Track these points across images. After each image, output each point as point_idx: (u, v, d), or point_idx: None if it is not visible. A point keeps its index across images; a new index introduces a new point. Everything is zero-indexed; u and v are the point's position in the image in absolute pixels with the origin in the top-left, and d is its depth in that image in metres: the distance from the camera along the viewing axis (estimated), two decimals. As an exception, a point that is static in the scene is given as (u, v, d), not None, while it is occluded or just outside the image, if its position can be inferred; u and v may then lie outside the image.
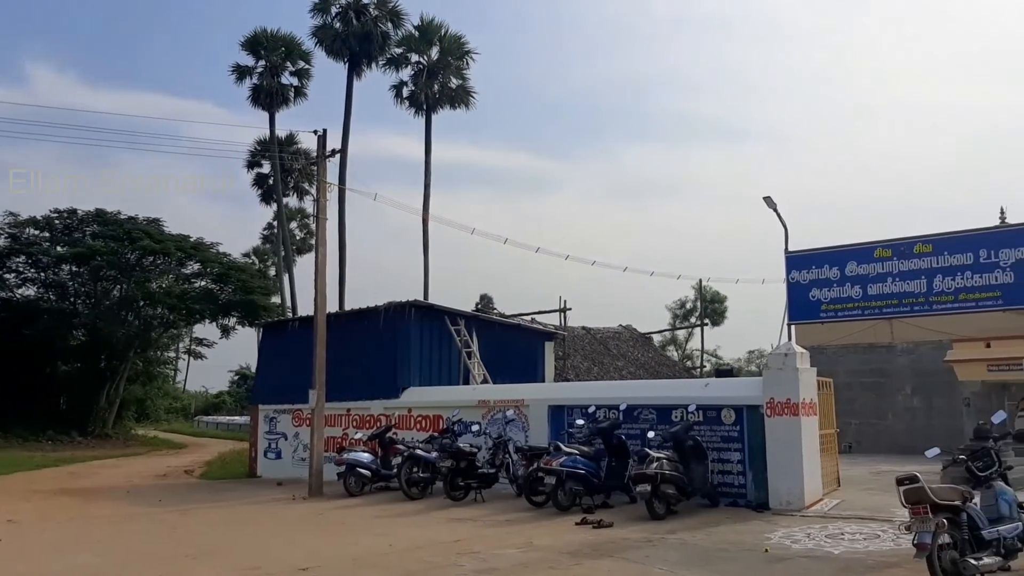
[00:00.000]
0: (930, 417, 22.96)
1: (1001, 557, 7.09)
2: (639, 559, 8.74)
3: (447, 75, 37.86)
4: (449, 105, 38.05)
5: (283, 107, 40.03)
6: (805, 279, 12.96)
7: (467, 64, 38.62)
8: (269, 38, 39.34)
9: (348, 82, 37.54)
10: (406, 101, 38.02)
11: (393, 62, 38.03)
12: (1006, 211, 20.25)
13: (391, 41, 37.87)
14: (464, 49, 38.31)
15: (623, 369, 25.40)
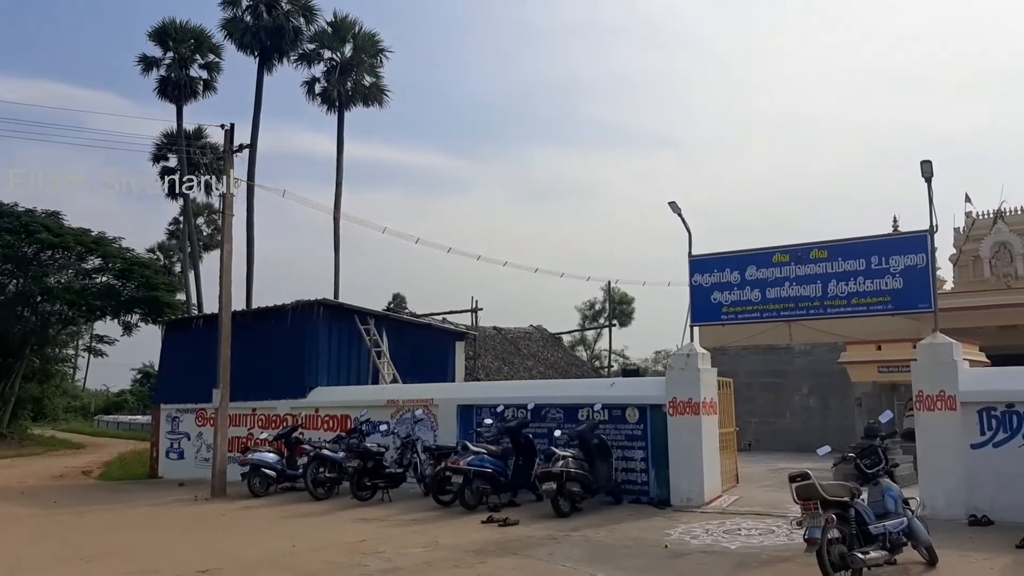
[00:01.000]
0: (825, 416, 24.07)
1: (887, 551, 7.42)
2: (543, 556, 8.86)
3: (360, 73, 37.45)
4: (362, 103, 37.68)
5: (191, 100, 39.07)
6: (707, 282, 13.31)
7: (381, 62, 38.33)
8: (178, 29, 38.24)
9: (258, 77, 36.73)
10: (318, 98, 37.48)
11: (305, 58, 37.44)
12: (899, 219, 21.63)
13: (303, 37, 37.26)
14: (378, 47, 37.99)
15: (533, 369, 25.62)
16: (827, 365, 21.81)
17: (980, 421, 10.64)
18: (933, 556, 7.89)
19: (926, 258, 11.78)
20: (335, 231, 35.10)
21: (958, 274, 22.87)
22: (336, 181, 36.12)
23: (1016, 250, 21.28)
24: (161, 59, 38.48)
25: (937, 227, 11.84)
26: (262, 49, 36.17)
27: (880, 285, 12.04)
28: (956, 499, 10.54)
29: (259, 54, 36.42)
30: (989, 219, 22.05)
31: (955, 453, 10.66)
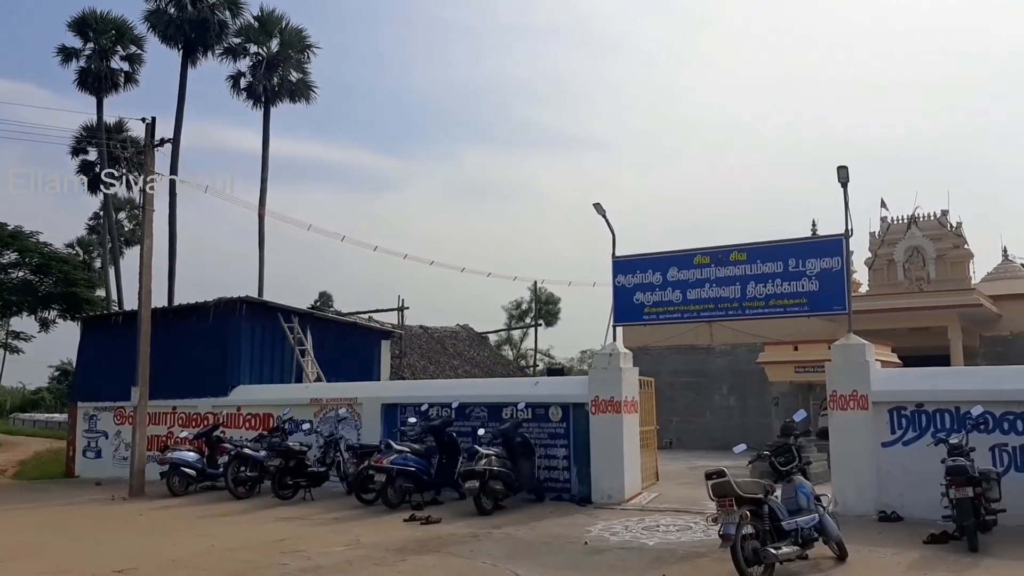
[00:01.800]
0: (744, 415, 24.73)
1: (799, 546, 7.60)
2: (464, 554, 8.84)
3: (287, 68, 36.85)
4: (289, 98, 37.07)
5: (112, 92, 37.77)
6: (630, 283, 13.48)
7: (308, 58, 37.78)
8: (99, 20, 36.93)
9: (182, 70, 35.75)
10: (244, 92, 36.72)
11: (231, 52, 36.64)
12: (817, 224, 22.32)
13: (229, 30, 36.44)
14: (305, 43, 37.43)
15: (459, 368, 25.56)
16: (746, 365, 22.38)
17: (891, 420, 10.97)
18: (843, 551, 8.11)
19: (841, 261, 12.14)
20: (260, 228, 34.40)
21: (873, 277, 23.68)
22: (261, 177, 35.39)
23: (928, 254, 22.17)
24: (81, 50, 37.11)
25: (852, 231, 12.23)
26: (186, 42, 35.24)
27: (797, 287, 12.36)
28: (867, 496, 10.86)
29: (183, 47, 35.47)
30: (903, 224, 22.91)
31: (866, 451, 10.99)
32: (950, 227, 22.40)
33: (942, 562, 8.08)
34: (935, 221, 22.58)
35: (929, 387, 11.04)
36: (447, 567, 8.26)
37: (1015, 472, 9.95)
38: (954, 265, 22.07)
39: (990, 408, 10.16)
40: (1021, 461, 10.04)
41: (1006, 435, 10.15)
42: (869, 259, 23.68)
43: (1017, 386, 10.44)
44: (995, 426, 10.19)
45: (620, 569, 8.10)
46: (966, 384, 11.10)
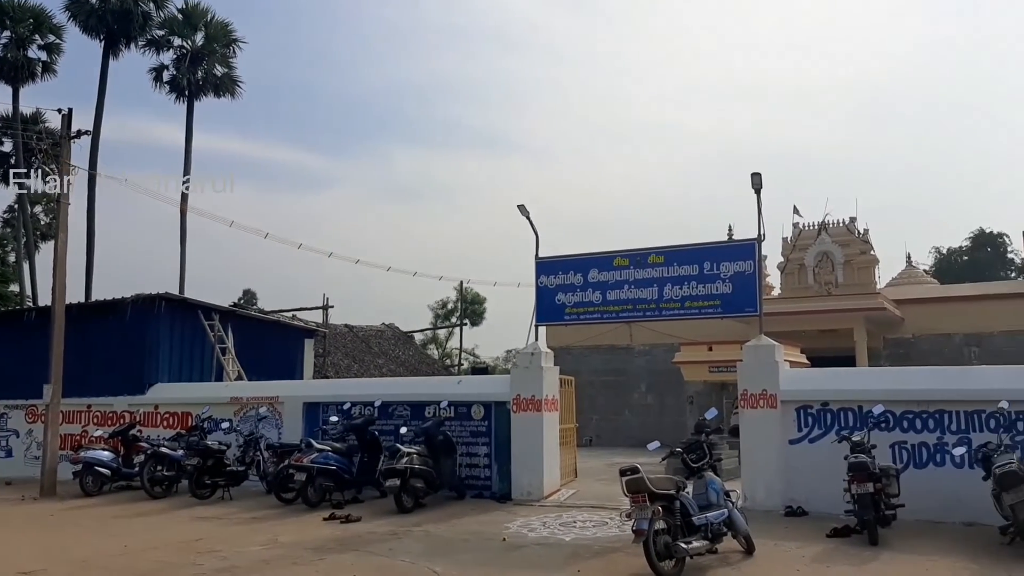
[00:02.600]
0: (662, 413, 25.30)
1: (708, 541, 7.85)
2: (383, 552, 8.86)
3: (212, 62, 36.01)
4: (213, 93, 36.24)
5: (29, 82, 36.19)
6: (552, 284, 13.69)
7: (234, 53, 36.99)
8: (15, 8, 35.34)
9: (103, 62, 34.57)
10: (167, 86, 35.74)
11: (154, 44, 35.64)
12: (734, 228, 23.02)
13: (153, 22, 35.41)
14: (231, 37, 36.66)
15: (384, 367, 25.41)
16: (664, 364, 22.89)
17: (798, 418, 11.37)
18: (751, 545, 8.41)
19: (754, 265, 12.55)
20: (182, 224, 33.50)
21: (785, 281, 24.52)
22: (184, 171, 34.49)
23: (837, 260, 23.08)
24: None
25: (765, 236, 12.61)
26: (108, 33, 34.10)
27: (711, 289, 12.73)
28: (775, 491, 11.23)
29: (105, 38, 34.31)
30: (814, 230, 23.79)
31: (775, 448, 11.37)
32: (858, 234, 23.37)
33: (843, 555, 8.43)
34: (844, 228, 23.53)
35: (834, 387, 11.51)
36: (365, 565, 8.26)
37: (914, 469, 10.43)
38: (861, 270, 23.02)
39: (891, 407, 10.63)
40: (919, 458, 10.54)
41: (905, 433, 10.64)
42: (782, 263, 24.53)
43: (917, 386, 10.98)
44: (895, 424, 10.68)
45: (536, 565, 8.23)
46: (869, 384, 11.65)
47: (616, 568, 7.95)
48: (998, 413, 9.87)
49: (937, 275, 36.48)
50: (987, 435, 9.89)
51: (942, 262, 44.28)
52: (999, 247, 44.14)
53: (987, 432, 10.02)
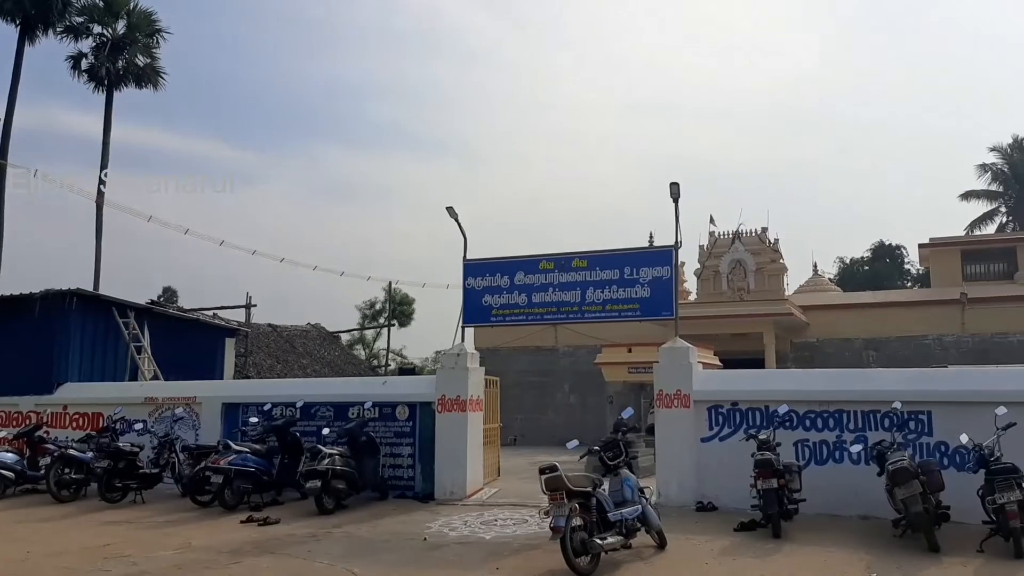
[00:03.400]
0: (584, 412, 25.82)
1: (623, 536, 8.11)
2: (302, 554, 8.83)
3: (134, 52, 34.79)
4: (135, 83, 34.98)
5: (-61, 68, 34.19)
6: (479, 285, 13.88)
7: (157, 43, 35.76)
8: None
9: (18, 47, 32.95)
10: (85, 74, 34.32)
11: (73, 31, 34.15)
12: (654, 235, 23.67)
13: (72, 8, 33.98)
14: (155, 27, 35.45)
15: (308, 367, 25.11)
16: (587, 365, 23.37)
17: (710, 417, 11.82)
18: (663, 540, 8.74)
19: (671, 270, 13.01)
20: (98, 218, 32.29)
21: (701, 287, 25.38)
22: (101, 164, 33.26)
23: (749, 267, 24.00)
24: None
25: (682, 243, 13.12)
26: (25, 17, 32.53)
27: (631, 293, 13.14)
28: (687, 487, 11.65)
29: (21, 23, 32.75)
30: (729, 239, 24.69)
31: (687, 446, 11.79)
32: (768, 243, 24.36)
33: (749, 548, 8.84)
34: (756, 237, 24.50)
35: (743, 387, 12.04)
36: (282, 568, 8.22)
37: (815, 465, 10.99)
38: (771, 278, 24.01)
39: (795, 407, 11.21)
40: (820, 455, 11.11)
41: (808, 431, 11.21)
42: (698, 270, 25.39)
43: (818, 387, 11.57)
44: (798, 423, 11.24)
45: (456, 564, 8.35)
46: (775, 385, 12.21)
47: (534, 565, 8.12)
48: (892, 413, 10.51)
49: (840, 283, 38.18)
50: (882, 433, 10.50)
51: (845, 271, 46.30)
52: (897, 258, 46.47)
53: (882, 431, 10.63)
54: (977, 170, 43.68)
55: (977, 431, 9.11)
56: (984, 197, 43.43)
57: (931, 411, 10.64)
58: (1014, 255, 26.73)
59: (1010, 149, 43.06)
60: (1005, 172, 42.76)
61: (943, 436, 10.45)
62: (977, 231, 41.68)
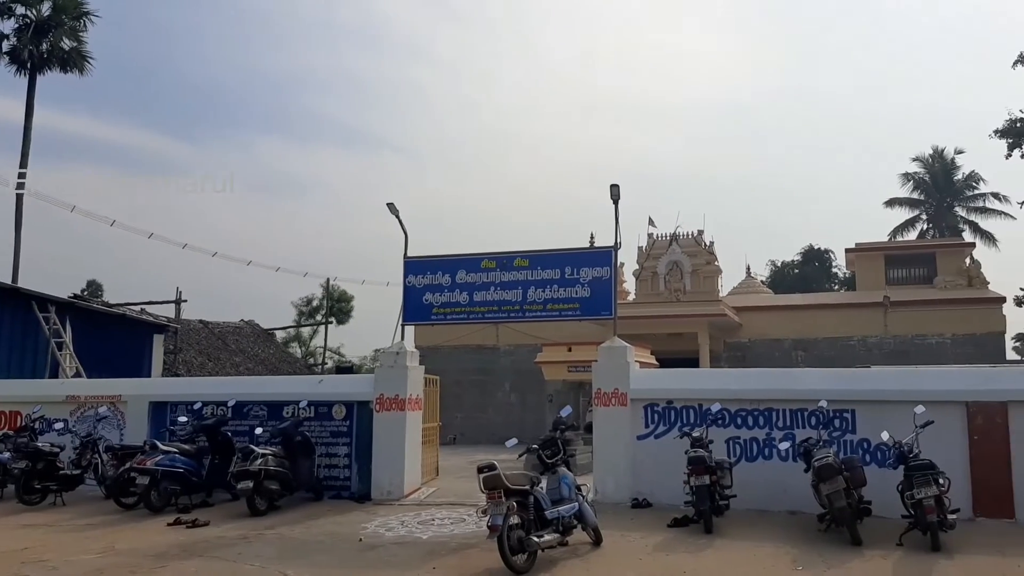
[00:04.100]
0: (524, 411, 25.93)
1: (560, 534, 8.17)
2: (231, 557, 8.62)
3: (59, 35, 33.50)
4: (60, 67, 33.73)
5: None
6: (420, 283, 13.78)
7: (85, 26, 34.52)
8: None
9: (-67, 26, 31.49)
10: (6, 56, 32.93)
11: (-7, 11, 32.75)
12: (595, 236, 23.87)
13: (-6, -13, 32.58)
14: (82, 9, 34.21)
15: (241, 365, 24.55)
16: (527, 364, 23.48)
17: (646, 415, 11.98)
18: (599, 536, 8.83)
19: (610, 271, 13.13)
20: (17, 208, 31.02)
21: (639, 287, 25.76)
22: (22, 152, 31.95)
23: (685, 269, 24.46)
24: None
25: (621, 244, 13.23)
26: (-61, -5, 31.13)
27: (571, 293, 13.23)
28: (623, 484, 11.78)
29: (-64, 0, 31.29)
30: (667, 241, 25.13)
31: (624, 444, 11.93)
32: (704, 246, 24.88)
33: (682, 543, 9.00)
34: (692, 240, 25.00)
35: (678, 386, 12.23)
36: (211, 571, 8.01)
37: (745, 462, 11.26)
38: (706, 279, 24.54)
39: (727, 405, 11.46)
40: (750, 452, 11.38)
41: (739, 429, 11.47)
42: (637, 270, 25.75)
43: (749, 386, 11.84)
44: (730, 421, 11.50)
45: (392, 565, 8.26)
46: (709, 384, 12.41)
47: (471, 564, 8.10)
48: (818, 411, 10.84)
49: (772, 286, 39.22)
50: (809, 431, 10.79)
51: (776, 274, 47.63)
52: (825, 262, 47.99)
53: (809, 428, 10.93)
54: (901, 179, 45.33)
55: (897, 429, 9.45)
56: (907, 205, 45.06)
57: (855, 410, 11.01)
58: (933, 261, 27.77)
59: (931, 159, 44.77)
60: (926, 181, 44.46)
61: (866, 433, 10.82)
62: (900, 237, 43.25)
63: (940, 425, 9.68)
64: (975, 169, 43.71)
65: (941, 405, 10.22)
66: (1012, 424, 10.41)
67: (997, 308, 24.71)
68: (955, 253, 27.90)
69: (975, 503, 10.25)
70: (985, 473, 10.33)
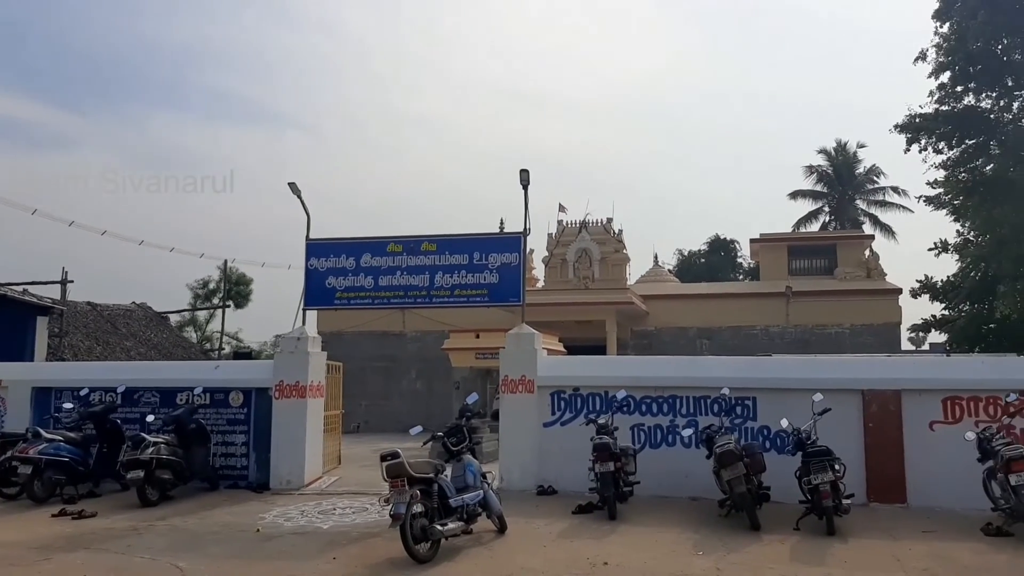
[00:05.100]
0: (431, 398, 25.73)
1: (463, 522, 8.13)
2: (120, 548, 8.24)
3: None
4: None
5: None
6: (323, 267, 13.41)
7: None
8: None
9: None
10: None
11: None
12: (505, 222, 23.84)
13: None
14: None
15: (132, 350, 23.44)
16: (434, 351, 23.28)
17: (552, 402, 12.03)
18: (503, 524, 8.80)
19: (519, 257, 13.07)
20: None
21: (548, 274, 25.89)
22: None
23: (594, 256, 24.71)
24: None
25: (530, 231, 13.20)
26: None
27: (479, 279, 13.11)
28: (529, 472, 11.81)
29: None
30: (576, 228, 25.32)
31: (530, 431, 11.95)
32: (613, 234, 25.18)
33: (586, 529, 9.07)
34: (601, 228, 25.26)
35: (585, 373, 12.33)
36: (98, 564, 7.61)
37: (650, 448, 11.43)
38: (614, 267, 24.84)
39: (632, 392, 11.57)
40: (655, 439, 11.56)
41: (644, 416, 11.64)
42: (546, 257, 25.85)
43: (654, 374, 12.02)
44: (636, 408, 11.64)
45: (291, 555, 8.03)
46: (615, 371, 12.57)
47: (373, 553, 7.96)
48: (720, 399, 11.11)
49: (679, 274, 40.05)
50: (711, 418, 11.07)
51: (683, 263, 48.71)
52: (731, 252, 49.34)
53: (711, 415, 11.20)
54: (805, 171, 46.71)
55: (797, 416, 9.75)
56: (810, 197, 46.41)
57: (756, 397, 11.31)
58: (834, 252, 28.75)
59: (834, 152, 46.33)
60: (829, 174, 46.01)
61: (766, 420, 11.13)
62: (803, 229, 44.60)
63: (837, 413, 10.03)
64: (876, 163, 45.25)
65: (838, 393, 10.59)
66: (905, 412, 10.85)
67: (894, 299, 25.73)
68: (855, 245, 28.81)
69: (869, 489, 10.66)
70: (879, 460, 10.75)
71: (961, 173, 23.08)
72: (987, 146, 22.68)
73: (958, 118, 22.59)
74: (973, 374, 11.25)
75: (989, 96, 22.73)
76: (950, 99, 22.90)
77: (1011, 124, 22.44)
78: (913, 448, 10.73)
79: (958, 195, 23.09)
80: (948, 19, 22.59)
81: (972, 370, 11.62)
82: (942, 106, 22.99)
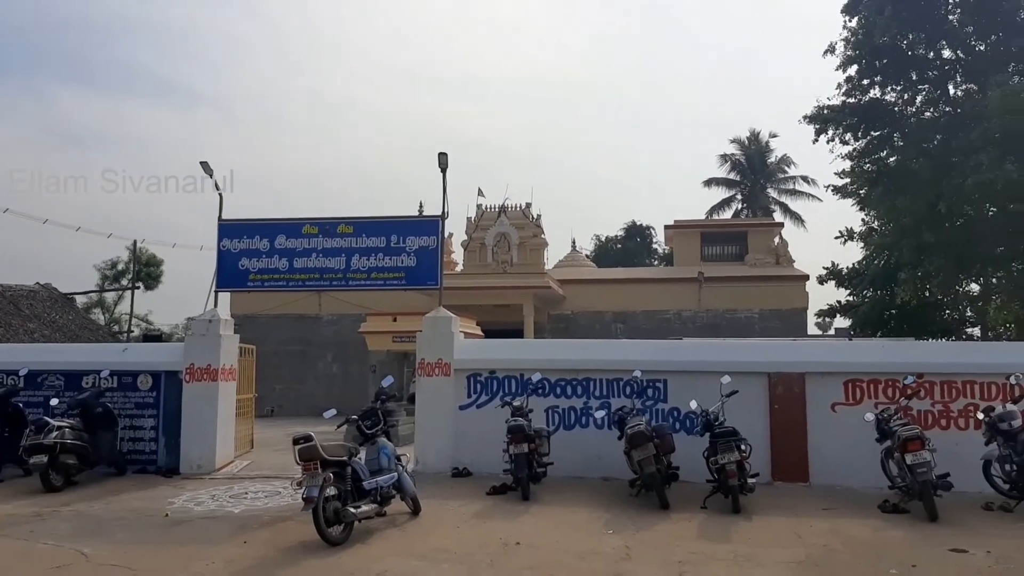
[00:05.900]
0: (346, 382, 25.53)
1: (377, 504, 8.18)
2: (22, 535, 8.01)
3: None
4: None
5: None
6: (236, 248, 13.14)
7: None
8: None
9: None
10: None
11: None
12: (424, 205, 23.75)
13: None
14: None
15: (36, 332, 22.45)
16: (351, 335, 23.07)
17: (468, 385, 12.14)
18: (417, 506, 8.90)
19: (437, 240, 13.10)
20: None
21: (467, 258, 25.89)
22: None
23: (513, 241, 24.83)
24: None
25: (448, 214, 13.20)
26: None
27: (397, 262, 13.08)
28: (444, 454, 11.90)
29: None
30: (495, 212, 25.37)
31: (446, 413, 12.04)
32: (532, 219, 25.36)
33: (500, 510, 9.26)
34: (520, 212, 25.38)
35: (501, 356, 12.50)
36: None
37: (564, 430, 11.67)
38: (532, 252, 25.01)
39: (548, 375, 11.82)
40: (568, 420, 11.80)
41: (559, 398, 11.85)
42: (465, 241, 25.87)
43: (569, 356, 12.26)
44: (550, 390, 11.86)
45: (201, 540, 7.94)
46: (531, 354, 12.79)
47: (285, 537, 7.94)
48: (632, 381, 11.42)
49: (596, 260, 40.68)
50: (624, 400, 11.36)
51: (600, 248, 49.40)
52: (647, 238, 50.32)
53: (624, 397, 11.49)
54: (719, 159, 47.89)
55: (706, 398, 10.10)
56: (724, 185, 47.61)
57: (667, 379, 11.64)
58: (745, 239, 29.54)
59: (747, 141, 47.62)
60: (742, 162, 47.31)
61: (676, 402, 11.46)
62: (716, 216, 45.74)
63: (744, 395, 10.38)
64: (787, 153, 46.76)
65: (746, 376, 10.95)
66: (809, 394, 11.30)
67: (801, 285, 26.63)
68: (765, 232, 29.56)
69: (774, 468, 11.07)
70: (783, 440, 11.17)
71: (866, 164, 23.87)
72: (891, 138, 23.54)
73: (864, 110, 23.38)
74: (873, 357, 11.75)
75: (894, 89, 23.56)
76: (857, 91, 23.62)
77: (914, 117, 23.41)
78: (816, 429, 11.14)
79: (863, 185, 23.93)
80: (856, 13, 23.30)
81: (873, 354, 12.14)
82: (849, 98, 23.73)
